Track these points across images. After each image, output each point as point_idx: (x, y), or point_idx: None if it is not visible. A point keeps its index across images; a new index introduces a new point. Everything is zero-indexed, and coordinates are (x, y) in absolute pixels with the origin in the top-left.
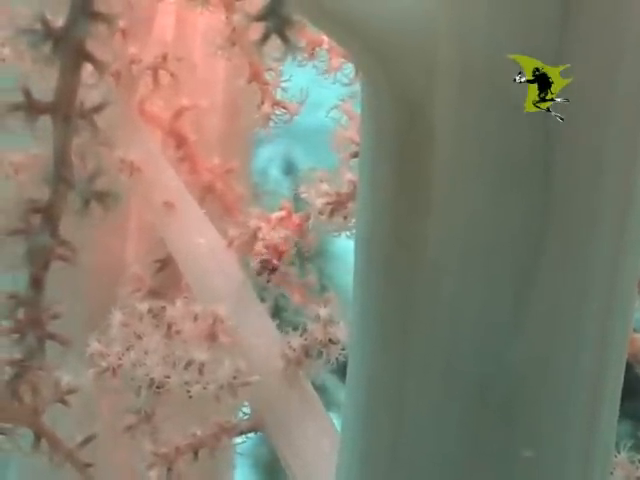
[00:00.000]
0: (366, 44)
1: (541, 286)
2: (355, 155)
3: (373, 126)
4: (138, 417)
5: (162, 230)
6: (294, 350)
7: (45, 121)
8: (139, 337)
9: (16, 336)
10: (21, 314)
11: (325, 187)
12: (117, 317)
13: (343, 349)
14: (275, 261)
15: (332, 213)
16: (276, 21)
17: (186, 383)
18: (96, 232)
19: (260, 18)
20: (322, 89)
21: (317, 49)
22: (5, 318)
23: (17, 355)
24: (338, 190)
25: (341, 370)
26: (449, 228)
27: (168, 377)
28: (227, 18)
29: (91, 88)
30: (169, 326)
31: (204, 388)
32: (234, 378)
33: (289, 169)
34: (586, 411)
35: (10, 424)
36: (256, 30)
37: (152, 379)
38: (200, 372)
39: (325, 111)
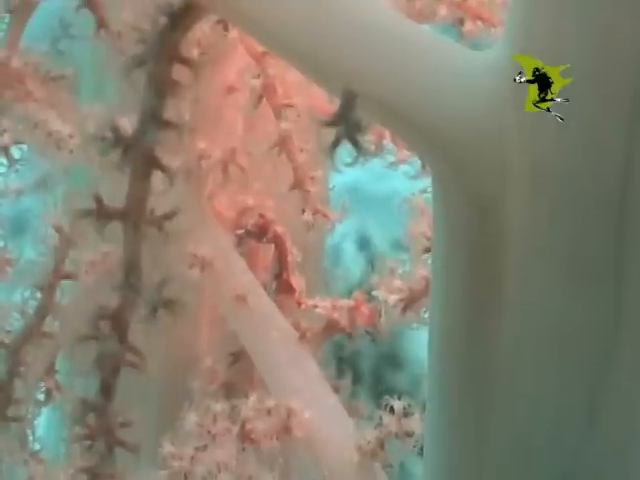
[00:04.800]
0: (438, 148)
1: (615, 384)
2: (427, 250)
3: (445, 224)
4: None
5: (234, 323)
6: (369, 442)
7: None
8: (213, 438)
9: (87, 443)
10: (91, 420)
11: (397, 283)
12: (191, 417)
13: (417, 441)
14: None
15: (405, 309)
16: (347, 127)
17: None
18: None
19: (332, 124)
20: None
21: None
22: (77, 424)
23: (88, 462)
24: (411, 286)
25: None
26: (522, 326)
27: None
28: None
29: (162, 194)
30: (243, 425)
31: None
32: None
33: (364, 244)
34: None
35: None
36: (327, 135)
37: None
38: None
39: (392, 178)
